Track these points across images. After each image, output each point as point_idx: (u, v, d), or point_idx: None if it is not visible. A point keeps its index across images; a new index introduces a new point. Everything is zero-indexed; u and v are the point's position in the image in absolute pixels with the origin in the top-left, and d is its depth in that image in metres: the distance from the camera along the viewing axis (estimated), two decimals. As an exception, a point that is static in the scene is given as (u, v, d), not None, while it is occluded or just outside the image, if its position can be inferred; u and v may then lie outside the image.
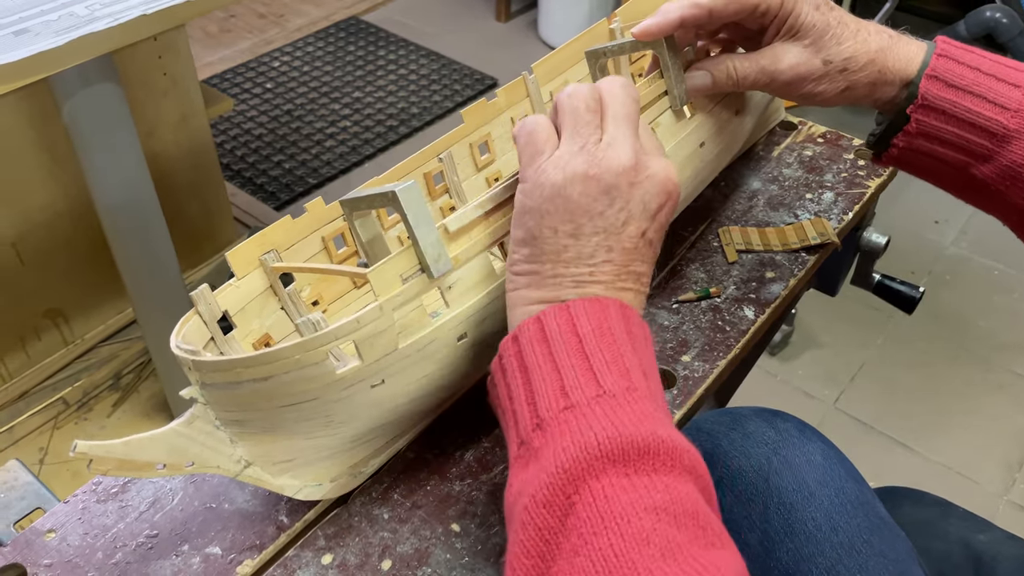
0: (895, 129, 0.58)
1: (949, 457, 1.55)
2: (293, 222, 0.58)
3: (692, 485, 0.38)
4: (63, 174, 1.40)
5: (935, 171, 0.59)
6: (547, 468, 0.37)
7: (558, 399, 0.40)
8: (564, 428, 0.39)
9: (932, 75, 0.55)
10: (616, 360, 0.41)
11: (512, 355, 0.43)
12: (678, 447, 0.38)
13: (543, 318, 0.43)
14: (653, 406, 0.40)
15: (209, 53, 2.60)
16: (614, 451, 0.37)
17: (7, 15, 0.92)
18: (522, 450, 0.40)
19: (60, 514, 0.54)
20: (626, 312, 0.44)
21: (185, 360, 0.46)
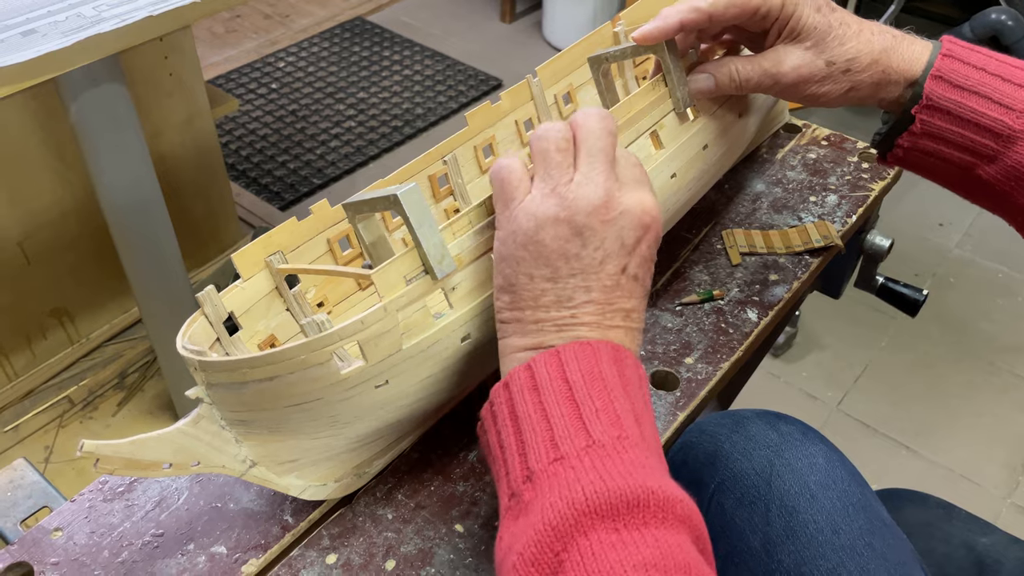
0: (900, 129, 0.58)
1: (952, 459, 1.55)
2: (299, 224, 0.58)
3: (685, 535, 0.37)
4: (69, 174, 1.41)
5: (940, 171, 0.59)
6: (535, 524, 0.37)
7: (548, 450, 0.40)
8: (553, 482, 0.38)
9: (937, 75, 0.55)
10: (606, 407, 0.41)
11: (503, 402, 0.43)
12: (670, 497, 0.37)
13: (533, 366, 0.43)
14: (645, 454, 0.40)
15: (215, 53, 2.61)
16: (602, 506, 0.36)
17: (14, 16, 0.92)
18: (513, 502, 0.40)
19: (67, 513, 0.54)
20: (619, 354, 0.44)
21: (191, 360, 0.46)
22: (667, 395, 0.62)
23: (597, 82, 0.68)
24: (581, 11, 2.52)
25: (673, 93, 0.62)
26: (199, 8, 0.96)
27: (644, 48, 0.61)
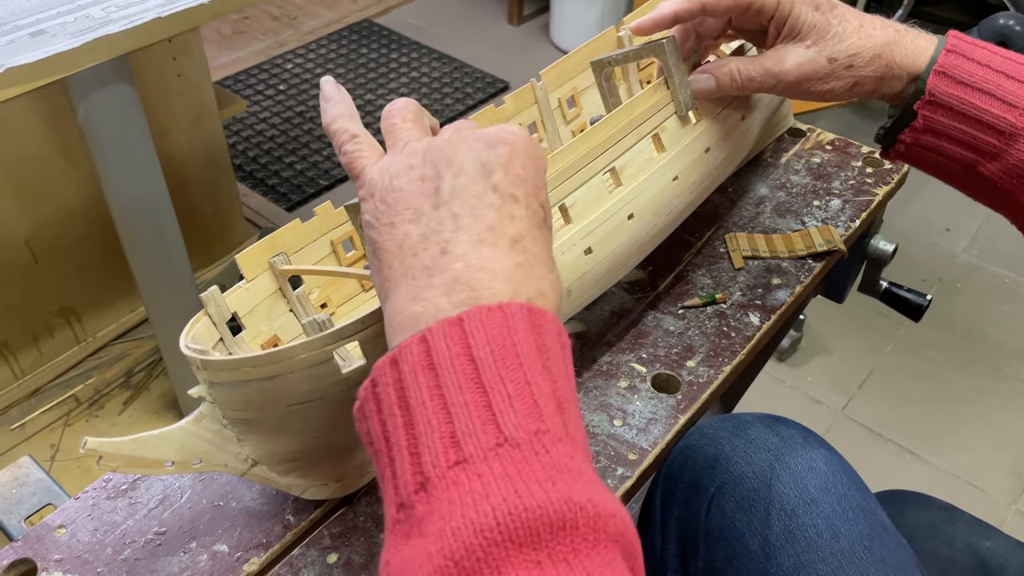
0: (902, 124, 0.58)
1: (958, 465, 1.54)
2: (302, 225, 0.58)
3: (618, 559, 0.30)
4: (77, 173, 1.42)
5: (942, 167, 0.59)
6: (433, 556, 0.29)
7: (447, 450, 0.31)
8: (454, 493, 0.30)
9: (940, 71, 0.55)
10: (521, 392, 0.33)
11: (390, 383, 0.34)
12: (601, 513, 0.30)
13: (429, 338, 0.34)
14: (569, 451, 0.32)
15: (223, 54, 2.62)
16: (519, 531, 0.29)
17: (24, 17, 0.93)
18: (402, 515, 0.32)
19: (71, 510, 0.55)
20: (536, 319, 0.35)
21: (194, 359, 0.47)
22: (668, 398, 0.62)
23: (600, 86, 0.68)
24: (588, 14, 2.53)
25: (675, 96, 0.62)
26: (208, 9, 0.97)
27: (646, 51, 0.62)
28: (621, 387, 0.63)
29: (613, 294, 0.71)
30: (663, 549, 0.65)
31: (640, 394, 0.62)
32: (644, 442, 0.59)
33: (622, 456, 0.58)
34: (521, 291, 0.36)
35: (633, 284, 0.72)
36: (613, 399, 0.62)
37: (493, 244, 0.37)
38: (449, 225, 0.37)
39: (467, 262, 0.36)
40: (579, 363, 0.65)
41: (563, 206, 0.55)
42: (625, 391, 0.63)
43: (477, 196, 0.38)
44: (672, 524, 0.64)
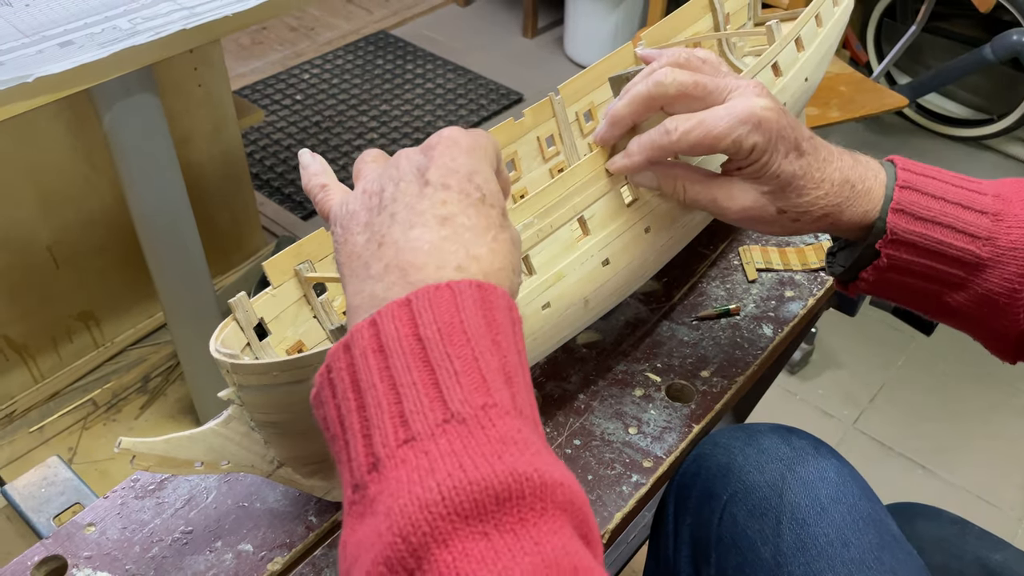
0: (862, 263, 0.56)
1: (968, 480, 1.54)
2: (327, 234, 0.60)
3: (567, 527, 0.31)
4: (99, 181, 1.44)
5: (906, 299, 0.57)
6: (383, 534, 0.30)
7: (396, 430, 0.32)
8: (402, 471, 0.31)
9: (898, 208, 0.53)
10: (469, 368, 0.34)
11: (343, 368, 0.35)
12: (547, 481, 0.31)
13: (379, 321, 0.35)
14: (517, 423, 0.33)
15: (241, 64, 2.65)
16: (464, 504, 0.29)
17: (53, 27, 0.95)
18: (357, 496, 0.32)
19: (100, 509, 0.56)
20: (485, 294, 0.36)
21: (224, 363, 0.48)
22: (683, 407, 0.63)
23: (618, 101, 0.70)
24: (602, 27, 2.55)
25: (692, 112, 0.63)
26: (230, 22, 0.99)
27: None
28: (636, 396, 0.64)
29: (629, 304, 0.72)
30: (676, 556, 0.66)
31: (655, 403, 0.64)
32: (659, 450, 0.60)
33: (637, 463, 0.59)
34: (449, 260, 0.37)
35: (648, 295, 0.73)
36: (628, 407, 0.63)
37: (423, 226, 0.38)
38: (387, 223, 0.39)
39: (398, 247, 0.38)
40: (595, 371, 0.66)
41: (582, 218, 0.57)
42: (640, 400, 0.64)
43: (413, 195, 0.39)
44: (685, 531, 0.65)
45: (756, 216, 0.54)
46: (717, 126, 0.51)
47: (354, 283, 0.39)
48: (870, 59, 2.38)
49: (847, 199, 0.53)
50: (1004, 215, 0.53)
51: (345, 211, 0.42)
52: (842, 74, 1.67)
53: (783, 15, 0.87)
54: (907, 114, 2.40)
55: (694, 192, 0.55)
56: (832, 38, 0.78)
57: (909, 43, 1.73)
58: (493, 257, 0.38)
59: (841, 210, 0.53)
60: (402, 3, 3.00)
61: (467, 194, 0.39)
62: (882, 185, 0.54)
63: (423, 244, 0.37)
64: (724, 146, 0.52)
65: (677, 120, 0.52)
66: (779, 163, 0.52)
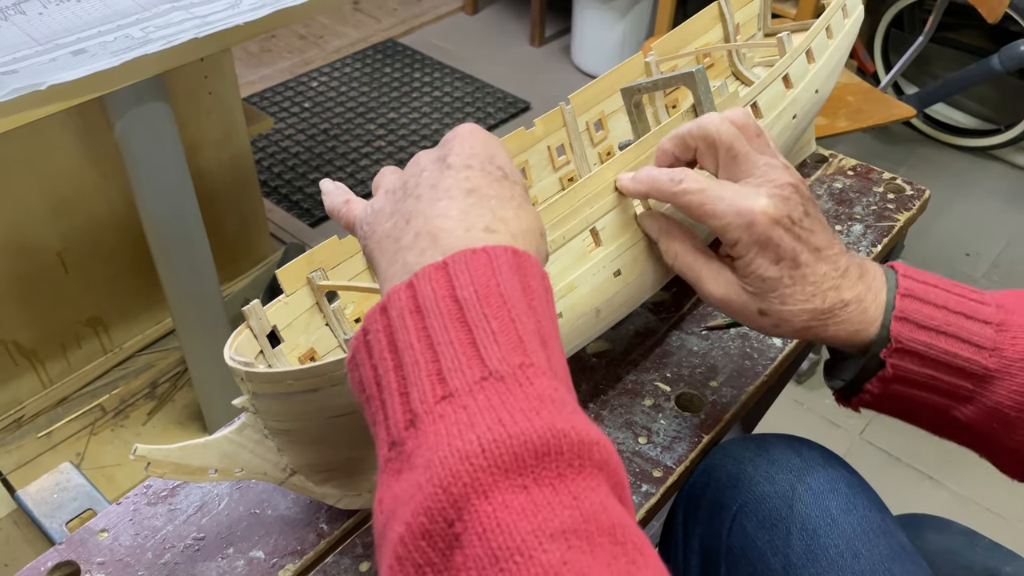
0: (866, 375, 0.54)
1: (977, 491, 1.54)
2: (340, 242, 0.60)
3: (604, 486, 0.31)
4: (108, 188, 1.45)
5: (913, 414, 0.56)
6: (423, 486, 0.30)
7: (434, 386, 0.32)
8: (440, 426, 0.31)
9: (902, 316, 0.51)
10: (506, 329, 0.34)
11: (380, 330, 0.35)
12: (584, 440, 0.31)
13: (416, 283, 0.35)
14: (553, 383, 0.33)
15: (250, 72, 2.67)
16: (504, 457, 0.30)
17: (66, 36, 0.96)
18: (393, 453, 0.33)
19: (112, 515, 0.56)
20: (520, 260, 0.37)
21: (238, 371, 0.48)
22: (692, 417, 0.63)
23: (629, 112, 0.70)
24: (610, 36, 2.56)
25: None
26: (241, 31, 1.00)
27: (676, 81, 0.63)
28: (646, 405, 0.64)
29: (638, 314, 0.72)
30: (685, 566, 0.66)
31: (664, 412, 0.64)
32: (669, 460, 0.60)
33: (647, 473, 0.60)
34: (477, 222, 0.38)
35: (657, 304, 0.73)
36: (638, 417, 0.63)
37: (449, 198, 0.39)
38: (412, 204, 0.40)
39: (426, 217, 0.39)
40: (604, 380, 0.67)
41: (594, 229, 0.57)
42: (650, 409, 0.64)
43: (434, 178, 0.41)
44: (694, 542, 0.65)
45: (736, 310, 0.53)
46: (715, 205, 0.50)
47: (385, 259, 0.40)
48: (877, 69, 2.38)
49: (834, 317, 0.52)
50: (1008, 325, 0.51)
51: (370, 211, 0.43)
52: (850, 84, 1.67)
53: (793, 26, 0.87)
54: (914, 124, 2.40)
55: (684, 262, 0.55)
56: (843, 49, 0.78)
57: (917, 53, 1.74)
58: (520, 220, 0.39)
59: (826, 326, 0.52)
60: (410, 11, 3.02)
61: (489, 172, 0.41)
62: (881, 302, 0.52)
63: (451, 211, 0.38)
64: (712, 225, 0.51)
65: (689, 176, 0.52)
66: (763, 267, 0.51)
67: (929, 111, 2.38)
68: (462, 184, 0.40)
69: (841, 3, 0.77)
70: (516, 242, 0.38)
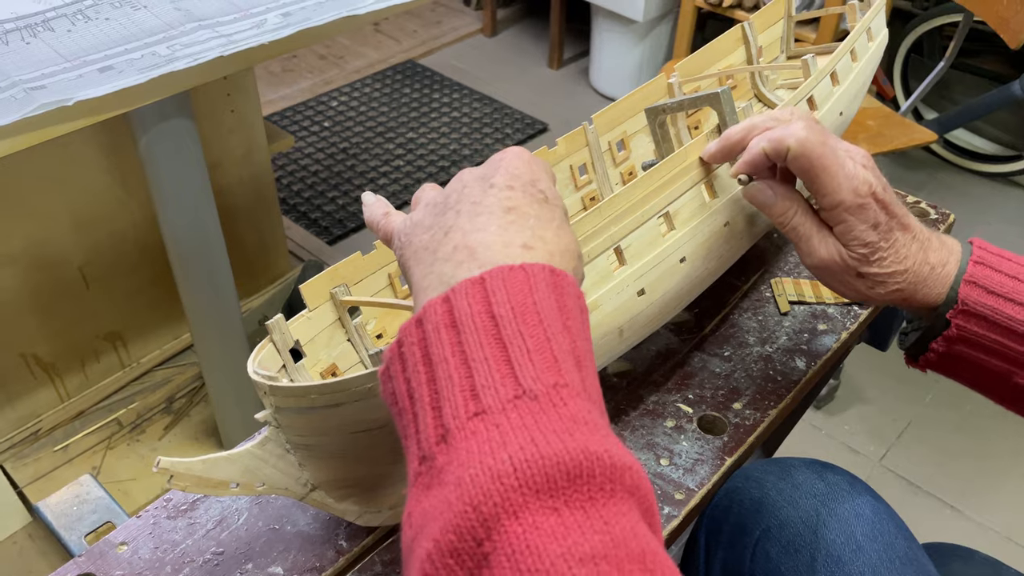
0: (933, 334, 0.57)
1: (998, 521, 1.51)
2: (363, 258, 0.60)
3: (635, 512, 0.30)
4: (131, 203, 1.46)
5: (976, 378, 0.58)
6: (452, 504, 0.30)
7: (467, 402, 0.32)
8: (472, 443, 0.31)
9: (971, 280, 0.54)
10: (541, 347, 0.34)
11: (414, 343, 0.35)
12: (617, 464, 0.31)
13: (452, 298, 0.35)
14: (587, 405, 0.33)
15: (271, 91, 2.69)
16: (536, 478, 0.29)
17: (93, 52, 0.97)
18: (424, 467, 0.32)
19: (132, 528, 0.56)
20: (557, 280, 0.37)
21: (262, 385, 0.48)
22: (715, 439, 0.63)
23: (653, 132, 0.70)
24: (628, 59, 2.57)
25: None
26: (266, 50, 1.01)
27: (702, 101, 0.63)
28: (668, 427, 0.64)
29: (660, 335, 0.72)
30: (706, 591, 0.65)
31: (687, 434, 0.63)
32: (691, 482, 0.60)
33: (668, 495, 0.59)
34: (515, 239, 0.38)
35: (679, 325, 0.73)
36: (660, 438, 0.63)
37: (489, 214, 0.39)
38: (451, 218, 0.40)
39: (464, 231, 0.39)
40: (626, 401, 0.66)
41: (618, 248, 0.57)
42: (672, 431, 0.63)
43: (478, 194, 0.41)
44: (716, 566, 0.65)
45: (836, 272, 0.56)
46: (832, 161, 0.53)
47: (420, 268, 0.40)
48: (897, 94, 2.38)
49: (921, 280, 0.55)
50: None
51: (409, 223, 0.43)
52: (870, 108, 1.67)
53: (817, 49, 0.87)
54: (934, 149, 2.39)
55: (799, 220, 0.57)
56: (867, 73, 0.78)
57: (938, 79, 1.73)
58: (558, 240, 0.40)
59: (916, 288, 0.55)
60: (430, 33, 3.04)
61: (531, 195, 0.41)
62: (956, 268, 0.55)
63: (490, 226, 0.39)
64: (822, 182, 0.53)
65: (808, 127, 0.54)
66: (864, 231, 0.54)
67: (949, 136, 2.37)
68: (503, 203, 0.40)
69: (866, 26, 0.77)
70: (553, 261, 0.38)
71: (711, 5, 2.22)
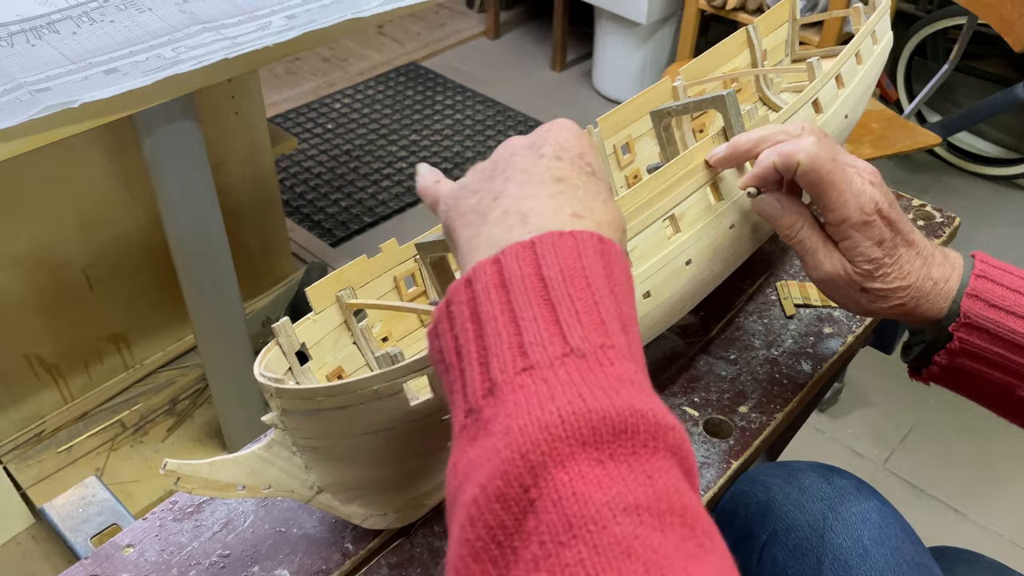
0: (935, 347, 0.58)
1: (1002, 525, 1.51)
2: (369, 261, 0.60)
3: (677, 470, 0.31)
4: (135, 205, 1.47)
5: (979, 390, 0.59)
6: (500, 451, 0.31)
7: (515, 358, 0.33)
8: (520, 396, 0.32)
9: (973, 294, 0.55)
10: (589, 310, 0.35)
11: (463, 302, 0.36)
12: (661, 423, 0.31)
13: (502, 259, 0.36)
14: (633, 367, 0.34)
15: (275, 93, 2.69)
16: (582, 430, 0.30)
17: (99, 55, 0.97)
18: (470, 420, 0.33)
19: (138, 530, 0.56)
20: (605, 248, 0.37)
21: (268, 387, 0.48)
22: (721, 443, 0.63)
23: (658, 135, 0.70)
24: (631, 62, 2.57)
25: (734, 147, 0.63)
26: (271, 52, 1.01)
27: (707, 104, 0.63)
28: (674, 430, 0.64)
29: (665, 338, 0.72)
30: (712, 595, 0.65)
31: (693, 438, 0.63)
32: (697, 486, 0.60)
33: (675, 499, 0.59)
34: (565, 207, 0.39)
35: (684, 328, 0.73)
36: (665, 442, 0.63)
37: (539, 182, 0.40)
38: (500, 183, 0.41)
39: (515, 197, 0.40)
40: (631, 405, 0.66)
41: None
42: (677, 434, 0.63)
43: (527, 161, 0.42)
44: (721, 570, 0.64)
45: (839, 285, 0.57)
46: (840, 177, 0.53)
47: (468, 231, 0.40)
48: (900, 97, 2.38)
49: (924, 294, 0.56)
50: None
51: (456, 187, 0.44)
52: (874, 111, 1.67)
53: (822, 52, 0.87)
54: (938, 152, 2.39)
55: (804, 234, 0.57)
56: (872, 75, 0.78)
57: (942, 82, 1.73)
58: (606, 211, 0.40)
59: (918, 303, 0.56)
60: (433, 35, 3.04)
61: (579, 167, 0.42)
62: (958, 282, 0.56)
63: (541, 194, 0.40)
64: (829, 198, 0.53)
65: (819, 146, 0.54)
66: (868, 247, 0.55)
67: (952, 139, 2.37)
68: (552, 172, 0.41)
69: (871, 29, 0.77)
70: (601, 231, 0.39)
71: (714, 8, 2.22)
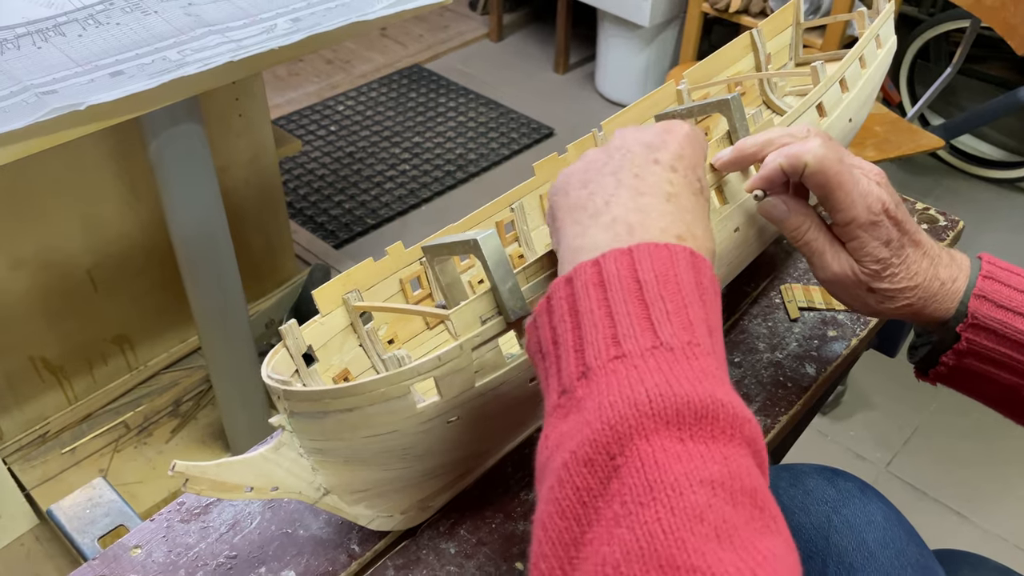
0: (943, 348, 0.58)
1: (1005, 528, 1.51)
2: (375, 264, 0.61)
3: (751, 459, 0.34)
4: (140, 207, 1.47)
5: (985, 391, 0.59)
6: (591, 423, 0.34)
7: (608, 347, 0.36)
8: (612, 379, 0.35)
9: (980, 295, 0.55)
10: (679, 311, 0.38)
11: (563, 297, 0.39)
12: (739, 415, 0.34)
13: (602, 261, 0.39)
14: (716, 364, 0.37)
15: (278, 95, 2.70)
16: (667, 410, 0.33)
17: (105, 57, 0.98)
18: (563, 399, 0.37)
19: (146, 531, 0.57)
20: (696, 261, 0.40)
21: (276, 389, 0.49)
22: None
23: (664, 137, 0.70)
24: (634, 64, 2.57)
25: (739, 151, 0.63)
26: (275, 55, 1.01)
27: (711, 108, 0.63)
28: (678, 433, 0.64)
29: (669, 340, 0.72)
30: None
31: (697, 440, 0.63)
32: (702, 488, 0.60)
33: (680, 501, 0.59)
34: (671, 228, 0.42)
35: (689, 331, 0.73)
36: (670, 444, 0.63)
37: (652, 196, 0.43)
38: (612, 184, 0.44)
39: (627, 208, 0.42)
40: (636, 407, 0.66)
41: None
42: (682, 437, 0.63)
43: (640, 166, 0.44)
44: (726, 572, 0.64)
45: (847, 286, 0.57)
46: (848, 178, 0.53)
47: (576, 228, 0.43)
48: (903, 100, 2.38)
49: (931, 295, 0.56)
50: None
51: (567, 171, 0.47)
52: (877, 114, 1.67)
53: (826, 56, 0.88)
54: (940, 155, 2.39)
55: (812, 235, 0.57)
56: (876, 79, 0.78)
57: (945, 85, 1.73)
58: (706, 239, 0.43)
59: (926, 303, 0.56)
60: (436, 38, 3.05)
61: (690, 183, 0.45)
62: (966, 283, 0.56)
63: (651, 210, 0.42)
64: (836, 199, 0.53)
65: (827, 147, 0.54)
66: (876, 248, 0.55)
67: (955, 142, 2.37)
68: (664, 187, 0.44)
69: (875, 33, 0.77)
70: None
71: (717, 11, 2.23)
